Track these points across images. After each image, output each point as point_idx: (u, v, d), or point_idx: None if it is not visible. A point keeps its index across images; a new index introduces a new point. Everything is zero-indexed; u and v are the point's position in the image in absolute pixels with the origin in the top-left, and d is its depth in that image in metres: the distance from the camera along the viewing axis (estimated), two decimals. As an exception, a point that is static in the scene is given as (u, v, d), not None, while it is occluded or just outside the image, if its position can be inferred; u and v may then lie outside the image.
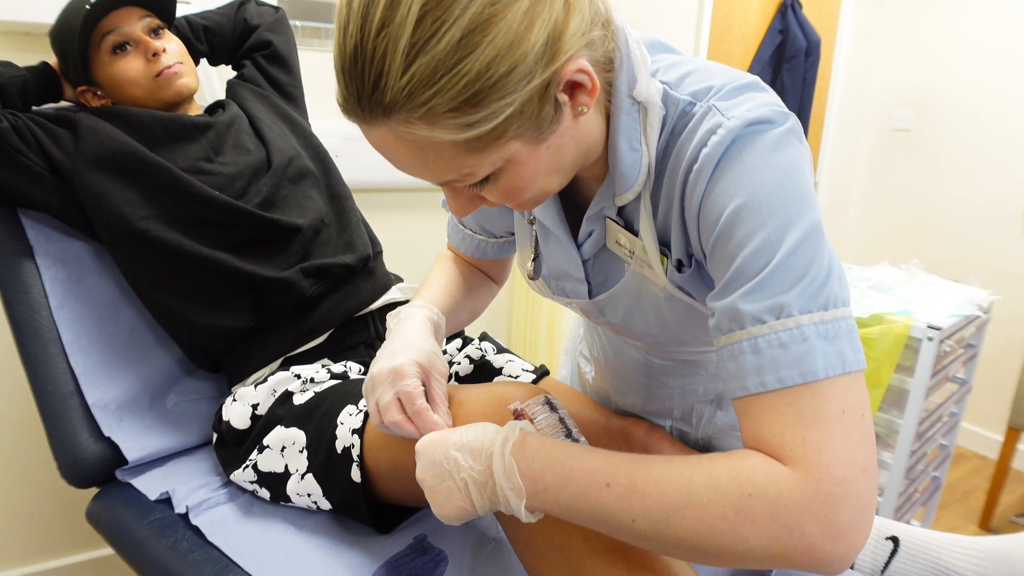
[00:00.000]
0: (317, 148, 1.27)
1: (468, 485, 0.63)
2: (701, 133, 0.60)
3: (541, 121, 0.56)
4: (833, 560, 0.51)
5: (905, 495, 1.75)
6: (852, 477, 0.51)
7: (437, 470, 0.65)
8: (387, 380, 0.74)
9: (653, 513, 0.54)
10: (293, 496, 0.93)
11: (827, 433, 0.52)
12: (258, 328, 1.08)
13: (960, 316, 1.67)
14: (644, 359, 0.93)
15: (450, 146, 0.54)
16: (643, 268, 0.72)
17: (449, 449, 0.65)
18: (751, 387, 0.55)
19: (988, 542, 0.83)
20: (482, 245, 0.98)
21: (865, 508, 0.51)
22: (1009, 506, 2.39)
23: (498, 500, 0.62)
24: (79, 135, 1.07)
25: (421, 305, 0.86)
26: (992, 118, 2.60)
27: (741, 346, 0.56)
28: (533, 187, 0.62)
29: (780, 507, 0.51)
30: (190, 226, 1.07)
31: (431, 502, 0.66)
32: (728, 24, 2.43)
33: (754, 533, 0.51)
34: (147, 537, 0.94)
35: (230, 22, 1.34)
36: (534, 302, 2.12)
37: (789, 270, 0.55)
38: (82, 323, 1.10)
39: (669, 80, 0.65)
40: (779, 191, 0.56)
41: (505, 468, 0.60)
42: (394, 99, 0.51)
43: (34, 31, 1.33)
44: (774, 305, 0.55)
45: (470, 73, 0.50)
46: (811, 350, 0.53)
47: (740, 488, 0.52)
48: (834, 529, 0.50)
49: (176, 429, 1.11)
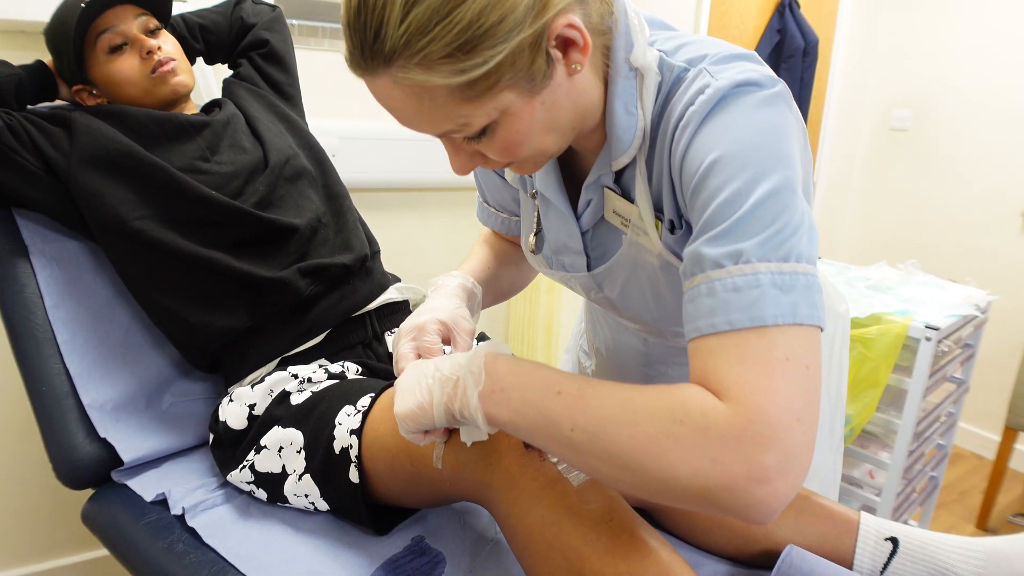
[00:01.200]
0: (314, 147, 1.26)
1: (433, 381, 0.67)
2: (691, 93, 0.63)
3: (534, 73, 0.58)
4: (753, 504, 0.51)
5: (903, 495, 1.75)
6: (784, 422, 0.51)
7: (414, 374, 0.70)
8: (408, 335, 0.77)
9: (592, 425, 0.56)
10: (290, 497, 0.92)
11: (767, 376, 0.52)
12: (255, 328, 1.08)
13: (958, 316, 1.67)
14: (643, 347, 0.94)
15: (446, 93, 0.57)
16: (639, 236, 0.74)
17: (433, 361, 0.70)
18: (703, 328, 0.56)
19: (987, 543, 0.83)
20: (506, 222, 1.01)
21: (794, 456, 0.51)
22: (1006, 506, 2.39)
23: (456, 397, 0.65)
24: (74, 134, 1.06)
25: (456, 275, 0.91)
26: (990, 118, 2.60)
27: (699, 288, 0.57)
28: (529, 143, 0.64)
29: (708, 438, 0.51)
30: (186, 226, 1.06)
31: (396, 400, 0.70)
32: (726, 23, 2.43)
33: (680, 459, 0.52)
34: (143, 539, 0.93)
35: (226, 21, 1.33)
36: (532, 301, 2.12)
37: (754, 220, 0.56)
38: (78, 323, 1.09)
39: (666, 49, 0.68)
40: (755, 146, 0.58)
41: (473, 359, 0.65)
42: (393, 47, 0.55)
43: (29, 29, 1.33)
44: (734, 251, 0.56)
45: (462, 21, 0.53)
46: (763, 296, 0.54)
47: (673, 413, 0.53)
48: (757, 470, 0.50)
49: (172, 430, 1.11)
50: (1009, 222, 2.58)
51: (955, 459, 2.70)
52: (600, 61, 0.67)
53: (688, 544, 0.92)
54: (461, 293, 0.87)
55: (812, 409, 0.53)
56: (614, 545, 0.67)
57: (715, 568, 0.89)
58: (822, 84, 2.80)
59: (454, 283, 0.88)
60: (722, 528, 0.89)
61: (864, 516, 0.88)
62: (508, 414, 0.62)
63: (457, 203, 2.01)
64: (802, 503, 0.88)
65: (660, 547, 0.68)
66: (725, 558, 0.91)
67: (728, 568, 0.89)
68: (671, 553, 0.69)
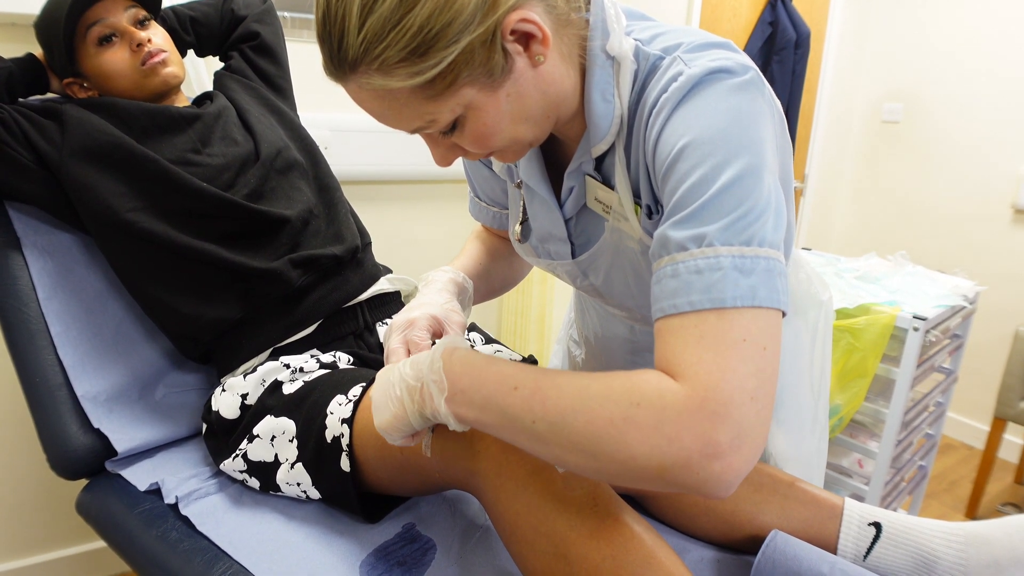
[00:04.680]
0: (305, 140, 1.27)
1: (402, 391, 0.69)
2: (664, 81, 0.64)
3: (492, 68, 0.60)
4: (709, 479, 0.53)
5: (891, 484, 1.77)
6: (738, 401, 0.53)
7: (383, 386, 0.72)
8: (399, 330, 0.80)
9: (552, 415, 0.58)
10: (283, 485, 0.93)
11: (722, 356, 0.54)
12: (247, 319, 1.09)
13: (946, 306, 1.68)
14: (630, 335, 0.96)
15: (408, 94, 0.60)
16: (620, 222, 0.76)
17: (400, 367, 0.71)
18: (666, 308, 0.58)
19: (969, 527, 0.84)
20: (498, 216, 1.02)
21: (747, 434, 0.53)
22: (995, 495, 2.41)
23: (425, 404, 0.67)
24: (66, 127, 1.07)
25: (446, 270, 0.93)
26: (981, 111, 2.61)
27: (664, 271, 0.59)
28: (500, 134, 0.66)
29: (664, 418, 0.53)
30: (178, 218, 1.06)
31: (374, 415, 0.72)
32: (718, 16, 2.44)
33: (638, 441, 0.54)
34: (137, 527, 0.94)
35: (217, 13, 1.33)
36: (524, 293, 2.13)
37: (719, 204, 0.58)
38: (70, 315, 1.10)
39: (642, 38, 0.70)
40: (724, 132, 0.59)
41: (432, 366, 0.66)
42: (355, 55, 0.58)
43: (20, 22, 1.33)
44: (698, 234, 0.57)
45: (413, 26, 0.56)
46: (724, 279, 0.56)
47: (630, 397, 0.55)
48: (712, 447, 0.52)
49: (165, 420, 1.11)
50: (998, 214, 2.60)
51: (945, 449, 2.73)
52: (575, 50, 0.68)
53: (674, 529, 0.94)
54: (452, 287, 0.89)
55: (766, 389, 0.55)
56: (599, 530, 0.68)
57: (701, 553, 0.90)
58: (814, 77, 2.81)
59: (444, 278, 0.91)
60: (708, 514, 0.90)
61: (848, 502, 0.89)
62: (474, 413, 0.64)
63: (448, 195, 2.01)
64: (787, 489, 0.89)
65: (644, 532, 0.70)
66: (711, 543, 0.92)
67: (714, 553, 0.90)
68: (655, 537, 0.70)
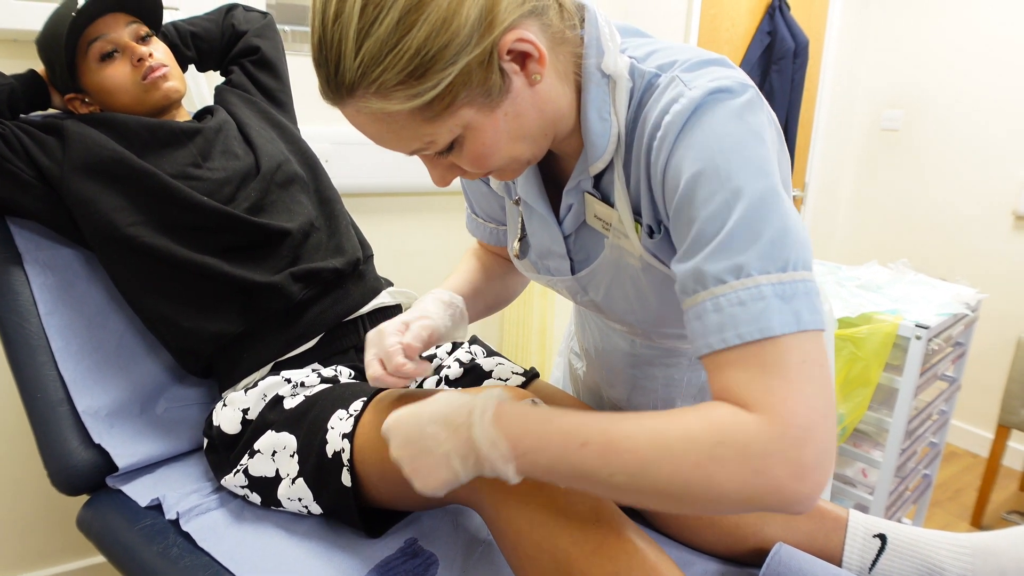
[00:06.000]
0: (306, 153, 1.27)
1: (450, 457, 0.65)
2: (664, 101, 0.64)
3: (490, 88, 0.60)
4: (800, 499, 0.55)
5: (896, 493, 1.76)
6: (814, 421, 0.55)
7: (414, 447, 0.68)
8: (373, 342, 0.84)
9: (631, 467, 0.58)
10: (284, 501, 0.93)
11: (789, 381, 0.55)
12: (248, 333, 1.08)
13: (948, 314, 1.68)
14: (631, 348, 0.95)
15: (407, 116, 0.60)
16: (620, 240, 0.75)
17: (424, 425, 0.67)
18: (714, 344, 0.58)
19: (975, 538, 0.83)
20: (495, 233, 1.02)
21: (826, 450, 0.55)
22: (1000, 503, 2.40)
23: (483, 467, 0.64)
24: (67, 142, 1.07)
25: (436, 290, 0.94)
26: (980, 117, 2.62)
27: (704, 306, 0.59)
28: (498, 153, 0.66)
29: (750, 452, 0.54)
30: (179, 232, 1.07)
31: (412, 478, 0.68)
32: (716, 26, 2.45)
33: (727, 478, 0.55)
34: (138, 544, 0.94)
35: (218, 28, 1.34)
36: (526, 305, 2.12)
37: (745, 232, 0.58)
38: (71, 330, 1.10)
39: (637, 56, 0.70)
40: (736, 157, 0.59)
41: (489, 438, 0.63)
42: (352, 79, 0.58)
43: (21, 38, 1.33)
44: (734, 265, 0.58)
45: (411, 49, 0.56)
46: (768, 308, 0.56)
47: (712, 437, 0.55)
48: (799, 469, 0.54)
49: (166, 435, 1.11)
50: (999, 221, 2.60)
51: (949, 457, 2.72)
52: (570, 68, 0.68)
53: (678, 543, 0.93)
54: (437, 304, 0.91)
55: (831, 402, 0.57)
56: (602, 546, 0.68)
57: (705, 566, 0.89)
58: (813, 85, 2.81)
59: (431, 296, 0.92)
60: (712, 527, 0.89)
61: (853, 513, 0.88)
62: (541, 473, 0.62)
63: (449, 207, 2.01)
64: (791, 501, 0.89)
65: (648, 547, 0.69)
66: (715, 556, 0.91)
67: (718, 566, 0.89)
68: (659, 553, 0.70)
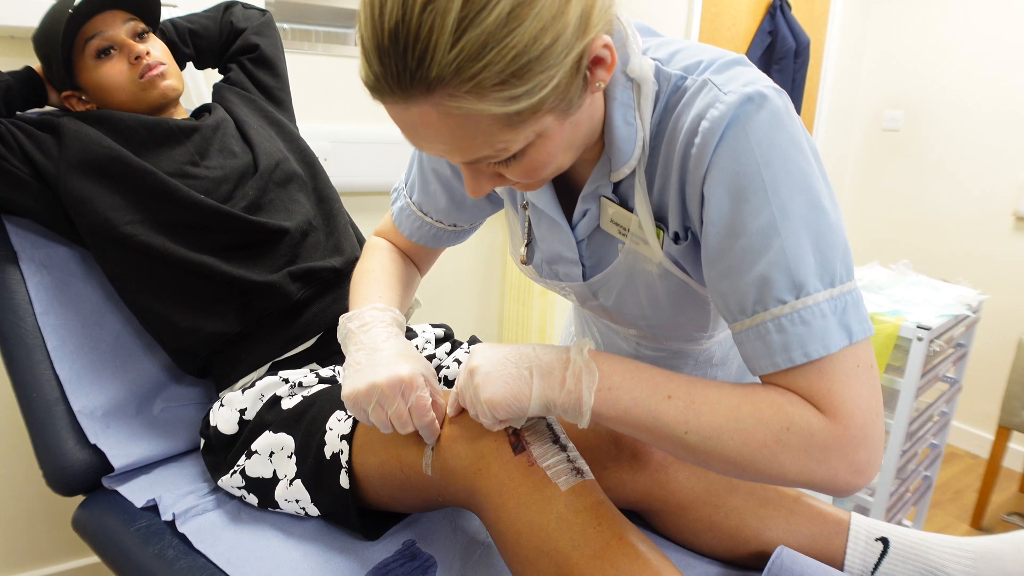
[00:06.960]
0: (304, 151, 1.26)
1: (533, 374, 0.67)
2: (699, 107, 0.62)
3: (571, 95, 0.57)
4: (851, 488, 0.62)
5: (896, 494, 1.75)
6: (869, 422, 0.60)
7: (497, 361, 0.69)
8: (397, 391, 0.75)
9: (706, 430, 0.62)
10: (281, 502, 0.92)
11: (847, 385, 0.60)
12: (245, 332, 1.08)
13: (950, 316, 1.67)
14: (634, 351, 0.95)
15: (491, 120, 0.54)
16: (638, 245, 0.74)
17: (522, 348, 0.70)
18: (781, 363, 0.62)
19: (978, 542, 0.83)
20: (439, 234, 0.98)
21: (879, 447, 0.61)
22: (1001, 505, 2.40)
23: (558, 389, 0.66)
24: (63, 140, 1.06)
25: (383, 308, 0.86)
26: (981, 118, 2.61)
27: (766, 326, 0.62)
28: (554, 163, 0.63)
29: (813, 444, 0.60)
30: (176, 230, 1.06)
31: (482, 385, 0.68)
32: (717, 25, 2.44)
33: (790, 461, 0.61)
34: (133, 545, 0.93)
35: (216, 25, 1.33)
36: (526, 305, 2.12)
37: (796, 250, 0.60)
38: (67, 329, 1.09)
39: (660, 57, 0.68)
40: (780, 169, 0.60)
41: (585, 360, 0.66)
42: (440, 74, 0.51)
43: (18, 35, 1.32)
44: (792, 285, 0.60)
45: (518, 46, 0.51)
46: (828, 326, 0.60)
47: (781, 422, 0.60)
48: (855, 465, 0.60)
49: (163, 436, 1.10)
50: (1000, 221, 2.59)
51: (949, 458, 2.71)
52: None
53: (679, 546, 0.92)
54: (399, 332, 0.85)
55: (881, 401, 0.63)
56: (603, 550, 0.67)
57: (706, 570, 0.89)
58: (814, 85, 2.81)
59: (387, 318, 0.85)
60: (713, 530, 0.89)
61: (855, 516, 0.88)
62: (616, 412, 0.65)
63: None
64: (793, 503, 0.88)
65: (648, 551, 0.68)
66: (716, 559, 0.91)
67: (719, 569, 0.89)
68: (659, 556, 0.69)
